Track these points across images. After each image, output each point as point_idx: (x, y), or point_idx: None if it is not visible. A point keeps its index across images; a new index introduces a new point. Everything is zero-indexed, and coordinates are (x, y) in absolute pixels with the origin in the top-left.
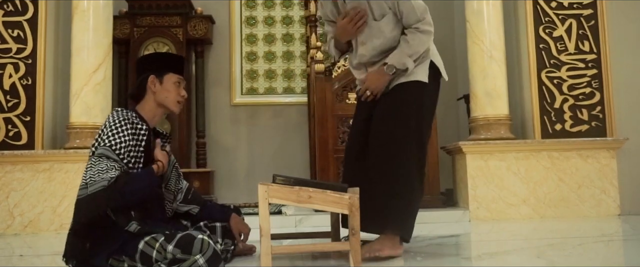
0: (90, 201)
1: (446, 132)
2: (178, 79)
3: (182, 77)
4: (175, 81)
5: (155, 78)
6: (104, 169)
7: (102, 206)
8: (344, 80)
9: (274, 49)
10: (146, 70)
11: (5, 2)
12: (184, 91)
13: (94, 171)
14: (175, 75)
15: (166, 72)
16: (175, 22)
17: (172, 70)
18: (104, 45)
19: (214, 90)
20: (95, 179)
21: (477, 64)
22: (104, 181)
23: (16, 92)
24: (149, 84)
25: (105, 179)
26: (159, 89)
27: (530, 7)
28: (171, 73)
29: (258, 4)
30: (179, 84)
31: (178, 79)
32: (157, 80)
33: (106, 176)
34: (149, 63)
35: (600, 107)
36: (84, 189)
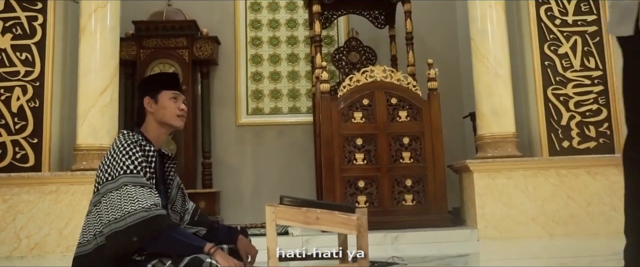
0: (129, 232)
1: (452, 151)
2: (173, 93)
3: (177, 92)
4: (171, 96)
5: (150, 99)
6: (136, 198)
7: (142, 238)
8: (349, 100)
9: (279, 69)
10: (142, 94)
11: (14, 26)
12: (183, 105)
13: (127, 202)
14: (170, 91)
15: (160, 91)
16: (181, 43)
17: (165, 88)
18: (111, 67)
19: (219, 111)
20: (129, 210)
21: (483, 82)
22: (142, 211)
23: (24, 114)
24: (146, 105)
25: (143, 207)
26: (155, 108)
27: (535, 24)
28: (165, 90)
29: (263, 25)
30: (176, 99)
31: (173, 93)
32: (152, 101)
33: (144, 204)
34: (144, 86)
35: (607, 124)
36: (121, 221)
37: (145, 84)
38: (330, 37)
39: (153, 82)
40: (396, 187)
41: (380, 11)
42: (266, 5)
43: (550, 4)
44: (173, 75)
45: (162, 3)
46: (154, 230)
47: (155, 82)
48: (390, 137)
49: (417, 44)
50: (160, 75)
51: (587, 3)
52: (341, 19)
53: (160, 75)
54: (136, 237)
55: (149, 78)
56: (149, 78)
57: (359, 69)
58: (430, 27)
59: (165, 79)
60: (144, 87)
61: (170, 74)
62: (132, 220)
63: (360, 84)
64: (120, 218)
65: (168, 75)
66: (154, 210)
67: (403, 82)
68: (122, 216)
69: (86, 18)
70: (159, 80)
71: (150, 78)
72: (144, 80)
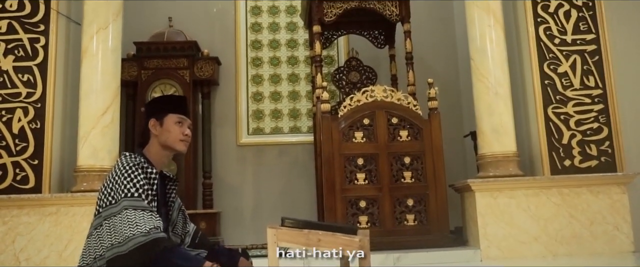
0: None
1: (454, 170)
2: (179, 118)
3: (183, 116)
4: (177, 121)
5: (155, 121)
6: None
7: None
8: (350, 120)
9: (280, 89)
10: (149, 116)
11: (17, 48)
12: (187, 130)
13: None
14: (176, 115)
15: (166, 114)
16: (182, 64)
17: (172, 111)
18: (112, 88)
19: (220, 131)
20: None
21: (483, 101)
22: (141, 236)
23: (25, 135)
24: (150, 127)
25: (142, 232)
26: (160, 131)
27: (534, 44)
28: (171, 114)
29: (264, 45)
30: (181, 124)
31: (179, 118)
32: (157, 123)
33: (143, 229)
34: (151, 107)
35: (608, 142)
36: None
37: (152, 105)
38: (330, 57)
39: (160, 104)
40: (398, 207)
41: (380, 31)
42: (267, 26)
43: (549, 24)
44: (181, 99)
45: (163, 24)
46: (154, 253)
47: (162, 104)
48: (391, 157)
49: (417, 63)
50: (169, 98)
51: (586, 22)
52: (341, 39)
53: (169, 97)
54: (136, 261)
55: (157, 100)
56: (157, 100)
57: (360, 88)
58: (430, 47)
59: (172, 102)
60: (150, 109)
61: (179, 97)
62: (132, 244)
63: (360, 103)
64: (120, 243)
65: (176, 98)
66: (154, 233)
67: (403, 101)
68: (122, 241)
69: (88, 39)
70: (167, 103)
71: (158, 100)
72: (151, 101)
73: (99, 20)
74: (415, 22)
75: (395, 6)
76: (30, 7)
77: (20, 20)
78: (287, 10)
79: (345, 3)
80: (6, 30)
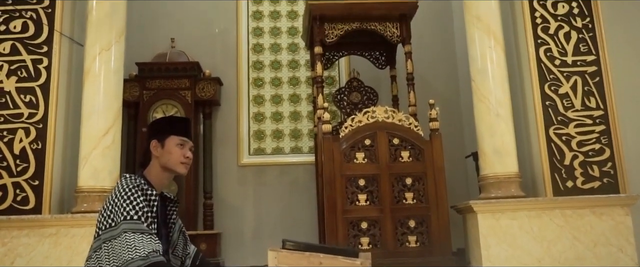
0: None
1: (455, 191)
2: (180, 140)
3: (185, 138)
4: (178, 143)
5: (157, 142)
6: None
7: None
8: (351, 140)
9: (281, 110)
10: (151, 137)
11: (20, 69)
12: (188, 152)
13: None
14: (178, 137)
15: (168, 135)
16: (184, 84)
17: (174, 133)
18: (114, 108)
19: (221, 151)
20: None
21: (484, 122)
22: (140, 260)
23: (26, 156)
24: (152, 148)
25: (141, 256)
26: (161, 153)
27: (534, 65)
28: (173, 135)
29: (265, 66)
30: (183, 146)
31: (180, 140)
32: (158, 144)
33: (142, 253)
34: (154, 129)
35: (611, 163)
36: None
37: (154, 126)
38: (331, 77)
39: (163, 125)
40: (399, 228)
41: (381, 52)
42: (268, 47)
43: (549, 45)
44: (184, 121)
45: (166, 45)
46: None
47: (165, 126)
48: (393, 178)
49: (418, 84)
50: (171, 120)
51: (586, 44)
52: (342, 60)
53: (171, 119)
54: None
55: (160, 121)
56: (160, 121)
57: (361, 109)
58: (431, 67)
59: (175, 123)
60: (153, 130)
61: (181, 119)
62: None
63: (362, 124)
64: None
65: (179, 120)
66: (152, 257)
67: (405, 122)
68: (121, 265)
69: (90, 61)
70: (169, 125)
71: (160, 121)
72: (154, 122)
73: (102, 42)
74: (416, 43)
75: (396, 28)
76: (33, 28)
77: (24, 42)
78: (288, 32)
79: (346, 25)
80: (9, 52)
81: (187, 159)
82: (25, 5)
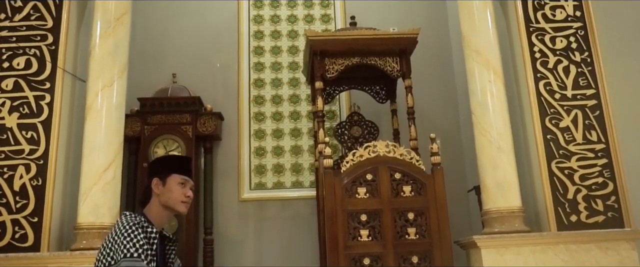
0: None
1: (458, 225)
2: (182, 179)
3: (187, 177)
4: (179, 181)
5: (158, 180)
6: None
7: None
8: (353, 175)
9: (282, 144)
10: (152, 174)
11: (22, 105)
12: (189, 191)
13: None
14: (179, 175)
15: (170, 174)
16: (185, 119)
17: (176, 171)
18: (115, 144)
19: (222, 186)
20: None
21: (486, 155)
22: None
23: (26, 193)
24: (153, 186)
25: None
26: (162, 191)
27: (535, 99)
28: (175, 174)
29: (266, 101)
30: (184, 184)
31: (182, 179)
32: (160, 182)
33: None
34: (155, 166)
35: (614, 197)
36: None
37: (156, 164)
38: (332, 111)
39: (165, 163)
40: (402, 264)
41: (381, 86)
42: (269, 82)
43: (548, 79)
44: (186, 160)
45: (167, 80)
46: None
47: (167, 164)
48: (395, 213)
49: (418, 117)
50: (173, 158)
51: (585, 78)
52: (343, 94)
53: (173, 158)
54: None
55: (162, 159)
56: (162, 159)
57: (362, 143)
58: (431, 101)
59: (177, 162)
60: (155, 167)
61: (183, 157)
62: None
63: (363, 159)
64: None
65: (180, 158)
66: None
67: (406, 156)
68: None
69: (93, 97)
70: (171, 163)
71: (163, 159)
72: (156, 160)
73: (104, 78)
74: (416, 77)
75: (396, 62)
76: (37, 65)
77: (27, 78)
78: (289, 67)
79: (346, 60)
80: (12, 88)
81: (187, 198)
82: (29, 43)
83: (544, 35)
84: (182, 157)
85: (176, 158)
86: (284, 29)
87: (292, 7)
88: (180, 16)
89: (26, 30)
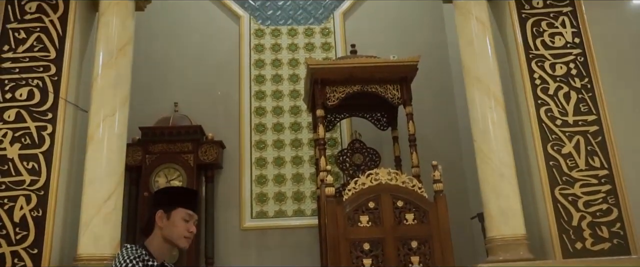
0: None
1: (462, 253)
2: (187, 214)
3: (191, 212)
4: (184, 217)
5: (163, 213)
6: None
7: None
8: (355, 203)
9: (284, 172)
10: (157, 205)
11: (23, 136)
12: (193, 227)
13: None
14: (184, 210)
15: (175, 207)
16: (187, 148)
17: (181, 205)
18: (116, 174)
19: (223, 215)
20: None
21: (489, 183)
22: None
23: (26, 224)
24: (157, 219)
25: None
26: (165, 224)
27: (536, 125)
28: (180, 208)
29: (268, 129)
30: (188, 220)
31: (187, 214)
32: (164, 215)
33: None
34: (161, 197)
35: (619, 224)
36: None
37: (162, 195)
38: (333, 139)
39: (171, 196)
40: None
41: (382, 114)
42: (270, 110)
43: (549, 105)
44: (192, 194)
45: (169, 109)
46: None
47: (173, 196)
48: (398, 241)
49: (420, 144)
50: (180, 191)
51: (586, 104)
52: (344, 121)
53: (180, 191)
54: None
55: (168, 191)
56: (168, 191)
57: (364, 170)
58: (433, 127)
59: (183, 196)
60: (160, 199)
61: (190, 191)
62: None
63: (365, 187)
64: None
65: (187, 192)
66: None
67: (408, 184)
68: None
69: (95, 127)
70: (177, 196)
71: (169, 191)
72: (163, 191)
73: (106, 108)
74: (417, 104)
75: (396, 89)
76: (39, 96)
77: (29, 109)
78: (290, 95)
79: (347, 87)
80: (14, 119)
81: (190, 234)
82: (32, 74)
83: (543, 62)
84: (188, 191)
85: (183, 191)
86: (284, 57)
87: (292, 35)
88: (181, 46)
89: (29, 61)
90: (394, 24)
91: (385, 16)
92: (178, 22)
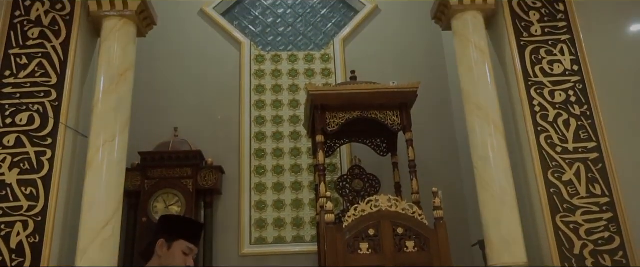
0: None
1: None
2: (187, 247)
3: (192, 246)
4: (184, 249)
5: (164, 242)
6: None
7: None
8: (355, 230)
9: (283, 197)
10: (160, 232)
11: (22, 161)
12: (191, 261)
13: None
14: (186, 243)
15: (177, 238)
16: (186, 173)
17: (184, 237)
18: (115, 200)
19: (222, 241)
20: None
21: (489, 210)
22: None
23: (22, 251)
24: (157, 247)
25: None
26: (165, 254)
27: (536, 152)
28: (183, 240)
29: (267, 154)
30: (188, 253)
31: (187, 247)
32: (165, 245)
33: None
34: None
35: (622, 252)
36: None
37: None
38: (333, 164)
39: (175, 226)
40: None
41: (382, 139)
42: (270, 135)
43: (549, 132)
44: (197, 226)
45: (168, 134)
46: None
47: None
48: None
49: (420, 170)
50: (185, 223)
51: (586, 131)
52: (344, 147)
53: (185, 222)
54: None
55: (173, 220)
56: (173, 220)
57: (363, 196)
58: (432, 153)
59: (188, 228)
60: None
61: (196, 224)
62: None
63: (365, 213)
64: None
65: (193, 225)
66: None
67: (408, 211)
68: None
69: (94, 152)
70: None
71: (174, 220)
72: (169, 219)
73: (106, 133)
74: (417, 130)
75: (396, 116)
76: (39, 121)
77: (29, 134)
78: (290, 120)
79: (347, 113)
80: (14, 144)
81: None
82: (32, 99)
83: (542, 89)
84: (194, 223)
85: (188, 223)
86: (285, 83)
87: (293, 61)
88: (182, 71)
89: (30, 86)
90: (394, 50)
91: (384, 42)
92: (179, 47)
